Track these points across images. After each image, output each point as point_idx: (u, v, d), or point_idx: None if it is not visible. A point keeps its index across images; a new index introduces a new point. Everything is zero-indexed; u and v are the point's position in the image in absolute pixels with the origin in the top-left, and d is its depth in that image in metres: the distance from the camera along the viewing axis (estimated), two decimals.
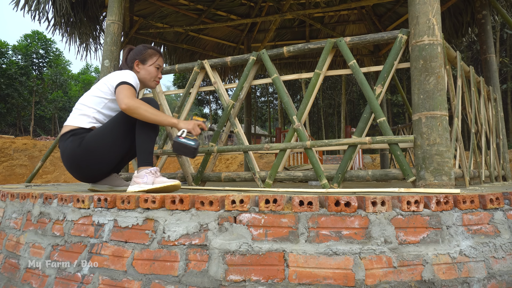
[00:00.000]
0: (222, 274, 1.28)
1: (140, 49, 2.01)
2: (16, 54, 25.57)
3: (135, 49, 2.03)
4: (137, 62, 1.99)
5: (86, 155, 1.78)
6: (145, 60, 1.99)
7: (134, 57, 2.00)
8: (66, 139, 1.82)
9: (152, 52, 2.02)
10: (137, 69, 1.99)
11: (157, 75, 2.04)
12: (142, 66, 1.99)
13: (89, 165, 1.82)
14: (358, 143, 1.82)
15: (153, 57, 2.01)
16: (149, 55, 2.00)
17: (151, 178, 1.73)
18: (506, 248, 1.40)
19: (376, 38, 1.91)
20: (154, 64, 2.01)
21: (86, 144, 1.77)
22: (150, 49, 2.03)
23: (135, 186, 1.73)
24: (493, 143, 2.83)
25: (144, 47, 2.02)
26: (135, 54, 2.00)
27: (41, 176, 10.79)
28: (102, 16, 4.48)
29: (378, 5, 5.19)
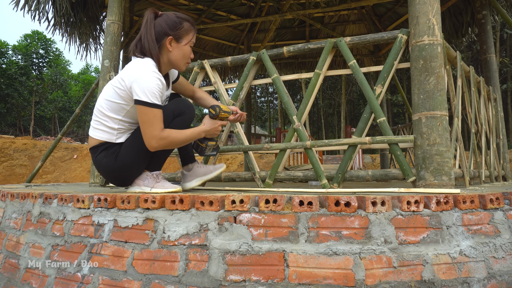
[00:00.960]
0: (222, 274, 1.28)
1: (174, 21, 1.59)
2: (16, 54, 25.58)
3: (167, 19, 1.59)
4: (171, 39, 1.59)
5: (124, 168, 1.65)
6: (181, 38, 1.61)
7: (167, 31, 1.58)
8: (98, 153, 1.66)
9: (188, 27, 1.62)
10: (168, 48, 1.61)
11: (190, 56, 1.69)
12: (176, 44, 1.61)
13: (129, 175, 1.70)
14: (358, 143, 1.82)
15: (189, 33, 1.63)
16: (185, 30, 1.61)
17: (151, 181, 1.71)
18: (506, 248, 1.40)
19: (376, 38, 1.91)
20: (189, 43, 1.65)
21: (122, 160, 1.63)
22: (186, 21, 1.62)
23: (135, 187, 1.73)
24: (493, 143, 2.83)
25: (179, 19, 1.60)
26: (167, 27, 1.58)
27: (41, 176, 10.79)
28: (102, 16, 4.48)
29: (378, 5, 5.19)
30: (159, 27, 1.58)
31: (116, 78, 1.61)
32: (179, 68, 1.72)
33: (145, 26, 1.59)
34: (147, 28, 1.58)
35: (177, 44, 1.62)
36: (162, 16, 1.61)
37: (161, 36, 1.59)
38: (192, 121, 1.72)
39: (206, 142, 1.78)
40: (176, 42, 1.62)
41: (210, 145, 1.79)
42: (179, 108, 1.66)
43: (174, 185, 1.72)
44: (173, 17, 1.60)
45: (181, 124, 1.66)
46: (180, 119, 1.66)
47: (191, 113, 1.71)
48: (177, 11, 5.17)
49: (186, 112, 1.68)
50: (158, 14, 1.63)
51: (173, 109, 1.66)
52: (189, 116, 1.70)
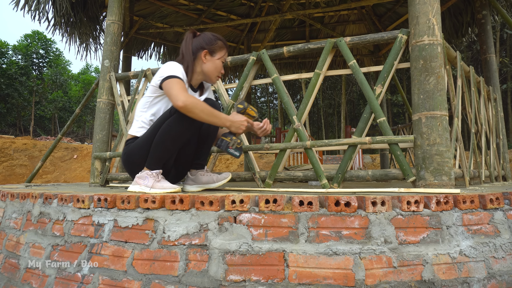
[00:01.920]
0: (222, 274, 1.28)
1: (210, 38, 1.84)
2: (16, 54, 25.57)
3: (204, 36, 1.85)
4: (206, 52, 1.82)
5: (128, 164, 1.85)
6: (214, 52, 1.84)
7: (203, 45, 1.82)
8: (126, 145, 1.90)
9: (221, 45, 1.86)
10: (203, 60, 1.83)
11: (221, 70, 1.89)
12: (210, 57, 1.84)
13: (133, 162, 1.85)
14: (358, 143, 1.82)
15: (222, 50, 1.86)
16: (219, 47, 1.84)
17: (151, 181, 1.71)
18: (506, 248, 1.40)
19: (376, 38, 1.91)
20: (221, 58, 1.86)
21: (128, 151, 1.84)
22: (220, 40, 1.86)
23: (135, 186, 1.74)
24: (493, 143, 2.83)
25: (214, 37, 1.85)
26: (204, 42, 1.83)
27: (41, 176, 10.79)
28: (102, 16, 4.48)
29: (378, 5, 5.19)
30: (197, 42, 1.84)
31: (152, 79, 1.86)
32: (210, 79, 1.90)
33: (184, 42, 1.86)
34: (186, 44, 1.85)
35: (211, 57, 1.84)
36: (200, 35, 1.88)
37: (198, 49, 1.83)
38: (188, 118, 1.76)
39: (231, 136, 1.79)
40: (210, 55, 1.84)
41: (234, 141, 1.79)
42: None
43: (173, 186, 1.72)
44: (210, 35, 1.87)
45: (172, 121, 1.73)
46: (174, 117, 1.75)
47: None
48: (177, 11, 5.19)
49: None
50: (196, 34, 1.89)
51: (170, 109, 1.76)
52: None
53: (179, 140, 1.74)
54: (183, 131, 1.71)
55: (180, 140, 1.74)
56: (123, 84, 2.76)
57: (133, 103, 2.64)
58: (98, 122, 2.67)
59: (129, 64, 4.90)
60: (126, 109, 2.62)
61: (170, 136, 1.70)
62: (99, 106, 2.68)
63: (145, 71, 2.54)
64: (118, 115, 2.69)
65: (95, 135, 2.66)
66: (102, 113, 2.67)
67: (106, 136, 2.67)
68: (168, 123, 1.70)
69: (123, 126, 2.56)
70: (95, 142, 2.64)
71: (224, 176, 1.90)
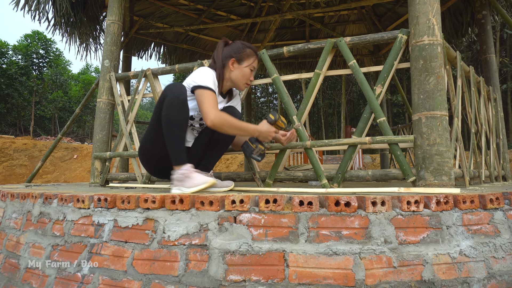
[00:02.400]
0: (222, 274, 1.29)
1: (238, 47, 1.89)
2: (16, 54, 25.56)
3: (233, 45, 1.91)
4: (233, 60, 1.87)
5: (140, 155, 1.90)
6: (242, 60, 1.88)
7: (231, 53, 1.88)
8: None
9: (250, 52, 1.90)
10: (231, 68, 1.88)
11: (249, 78, 1.92)
12: (238, 65, 1.88)
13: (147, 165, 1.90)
14: (358, 143, 1.82)
15: (250, 57, 1.90)
16: (247, 55, 1.89)
17: (185, 180, 1.66)
18: (506, 248, 1.40)
19: (376, 38, 1.91)
20: (249, 66, 1.90)
21: (140, 148, 1.87)
22: (249, 48, 1.90)
23: (175, 189, 1.69)
24: (493, 143, 2.83)
25: (243, 45, 1.90)
26: (232, 51, 1.88)
27: (41, 176, 10.79)
28: (102, 16, 4.48)
29: (378, 5, 5.19)
30: (226, 50, 1.90)
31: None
32: (238, 86, 1.94)
33: (216, 50, 1.92)
34: (217, 52, 1.91)
35: (238, 65, 1.89)
36: (231, 44, 1.93)
37: (227, 58, 1.89)
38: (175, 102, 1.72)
39: (257, 144, 1.85)
40: (238, 63, 1.89)
41: (259, 149, 1.86)
42: (165, 92, 1.72)
43: (205, 180, 1.64)
44: (239, 43, 1.92)
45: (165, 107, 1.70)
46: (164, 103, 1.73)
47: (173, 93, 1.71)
48: (177, 11, 5.19)
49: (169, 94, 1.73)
50: (228, 43, 1.95)
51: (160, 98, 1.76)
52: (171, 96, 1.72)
53: (182, 122, 1.71)
54: (179, 112, 1.69)
55: (182, 120, 1.71)
56: (123, 84, 2.76)
57: (133, 103, 2.64)
58: (98, 122, 2.67)
59: (129, 64, 4.90)
60: (126, 109, 2.62)
61: (173, 123, 1.68)
62: (99, 106, 2.68)
63: (145, 71, 2.54)
64: (118, 115, 2.69)
65: (95, 135, 2.66)
66: (102, 113, 2.67)
67: (106, 136, 2.67)
68: (164, 114, 1.69)
69: (123, 126, 2.56)
70: (95, 142, 2.64)
71: (226, 184, 1.91)
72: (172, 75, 25.78)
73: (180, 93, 1.68)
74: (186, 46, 5.89)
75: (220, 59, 1.88)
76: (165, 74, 2.53)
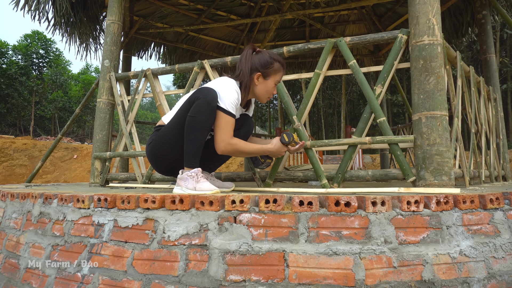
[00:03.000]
0: (222, 274, 1.28)
1: (267, 61, 1.80)
2: (16, 54, 25.54)
3: (261, 57, 1.80)
4: (259, 75, 1.79)
5: (152, 153, 1.82)
6: (268, 76, 1.81)
7: (257, 67, 1.79)
8: (154, 132, 1.85)
9: (278, 68, 1.81)
10: (255, 82, 1.81)
11: (272, 92, 1.87)
12: (263, 80, 1.81)
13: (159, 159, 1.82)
14: (358, 143, 1.82)
15: (277, 73, 1.82)
16: (274, 70, 1.81)
17: (192, 182, 1.66)
18: (506, 248, 1.40)
19: (376, 38, 1.91)
20: (275, 81, 1.84)
21: (154, 142, 1.79)
22: (277, 62, 1.81)
23: (178, 188, 1.69)
24: (493, 143, 2.83)
25: (271, 59, 1.80)
26: (259, 64, 1.79)
27: (41, 176, 10.79)
28: (102, 16, 4.48)
29: (378, 5, 5.19)
30: (254, 62, 1.80)
31: (207, 84, 1.80)
32: (260, 99, 1.89)
33: (245, 59, 1.82)
34: (245, 61, 1.81)
35: (263, 80, 1.82)
36: (258, 54, 1.83)
37: (253, 70, 1.80)
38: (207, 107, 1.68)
39: (266, 159, 1.90)
40: (263, 78, 1.81)
41: (268, 162, 1.91)
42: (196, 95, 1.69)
43: (211, 187, 1.64)
44: (267, 57, 1.81)
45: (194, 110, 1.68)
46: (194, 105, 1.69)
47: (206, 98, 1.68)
48: (177, 11, 5.18)
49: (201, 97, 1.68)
50: (255, 50, 1.86)
51: (189, 99, 1.71)
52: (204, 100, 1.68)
53: (207, 127, 1.69)
54: (207, 118, 1.67)
55: (208, 126, 1.69)
56: (123, 84, 2.76)
57: (133, 103, 2.64)
58: (98, 122, 2.67)
59: (129, 64, 4.90)
60: (126, 109, 2.62)
61: (197, 126, 1.66)
62: (99, 106, 2.68)
63: (145, 71, 2.54)
64: (118, 115, 2.69)
65: (95, 135, 2.66)
66: (102, 113, 2.67)
67: (106, 136, 2.67)
68: (191, 115, 1.66)
69: (123, 126, 2.56)
70: (95, 142, 2.64)
71: (226, 185, 1.93)
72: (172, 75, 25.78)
73: (212, 99, 1.65)
74: (186, 46, 5.89)
75: (248, 72, 1.79)
76: (165, 74, 2.53)
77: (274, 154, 1.83)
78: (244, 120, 1.91)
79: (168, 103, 2.53)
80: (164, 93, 2.54)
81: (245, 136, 1.91)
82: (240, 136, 1.84)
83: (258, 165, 1.91)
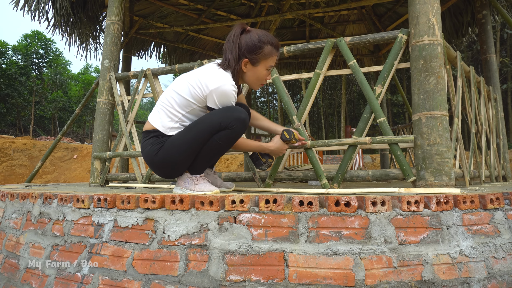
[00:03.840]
0: (222, 274, 1.28)
1: (255, 45, 1.57)
2: (16, 54, 25.55)
3: (248, 41, 1.58)
4: (246, 61, 1.60)
5: (165, 163, 1.63)
6: (257, 62, 1.61)
7: (245, 53, 1.59)
8: (148, 138, 1.66)
9: (269, 51, 1.60)
10: (243, 69, 1.62)
11: (265, 78, 1.68)
12: (251, 67, 1.62)
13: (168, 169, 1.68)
14: (358, 143, 1.81)
15: (268, 58, 1.62)
16: (264, 55, 1.60)
17: (191, 183, 1.65)
18: (507, 248, 1.39)
19: (376, 38, 1.91)
20: (266, 66, 1.64)
21: (163, 154, 1.61)
22: (268, 45, 1.59)
23: (177, 189, 1.69)
24: (493, 143, 2.83)
25: (260, 42, 1.57)
26: (246, 50, 1.58)
27: (41, 176, 10.79)
28: (102, 16, 4.48)
29: (378, 5, 5.19)
30: (241, 46, 1.59)
31: (194, 77, 1.61)
32: (252, 87, 1.73)
33: (232, 41, 1.61)
34: (233, 44, 1.60)
35: (252, 67, 1.63)
36: (246, 35, 1.61)
37: (240, 56, 1.60)
38: (238, 137, 1.62)
39: (267, 158, 1.87)
40: (252, 65, 1.62)
41: (269, 162, 1.89)
42: (228, 121, 1.54)
43: (211, 188, 1.63)
44: (255, 39, 1.58)
45: (223, 138, 1.57)
46: (224, 133, 1.56)
47: (239, 129, 1.58)
48: (177, 11, 5.18)
49: (234, 127, 1.56)
50: (245, 30, 1.62)
51: (221, 121, 1.55)
52: (236, 132, 1.58)
53: (233, 143, 1.65)
54: (241, 133, 1.61)
55: (224, 150, 1.65)
56: (123, 84, 2.76)
57: (133, 103, 2.64)
58: (98, 122, 2.67)
59: (129, 64, 4.90)
60: (126, 109, 2.62)
61: (219, 150, 1.62)
62: (99, 106, 2.68)
63: (145, 71, 2.54)
64: (118, 115, 2.69)
65: (95, 135, 2.66)
66: (102, 113, 2.67)
67: (106, 136, 2.67)
68: (219, 140, 1.57)
69: (123, 126, 2.56)
70: (95, 142, 2.64)
71: (227, 185, 1.90)
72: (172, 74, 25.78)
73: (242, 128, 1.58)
74: (186, 46, 5.89)
75: (235, 58, 1.60)
76: (165, 74, 2.53)
77: (275, 152, 1.81)
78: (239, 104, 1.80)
79: None
80: None
81: None
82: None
83: (260, 166, 1.91)
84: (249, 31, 1.62)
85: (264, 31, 1.64)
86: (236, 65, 1.61)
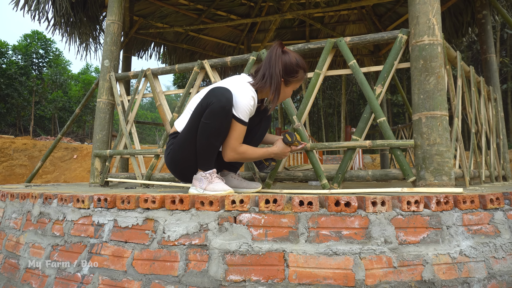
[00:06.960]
0: (222, 274, 1.28)
1: (293, 68, 1.70)
2: (16, 54, 25.54)
3: (289, 63, 1.69)
4: (282, 81, 1.70)
5: (169, 164, 1.74)
6: (290, 83, 1.73)
7: (283, 74, 1.69)
8: (170, 139, 1.77)
9: (301, 77, 1.73)
10: None
11: (289, 96, 1.82)
12: (283, 87, 1.73)
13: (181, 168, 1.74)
14: (358, 146, 1.81)
15: (299, 82, 1.75)
16: (297, 80, 1.73)
17: (205, 183, 1.64)
18: (506, 248, 1.39)
19: (376, 38, 1.91)
20: (294, 88, 1.77)
21: (171, 154, 1.70)
22: (302, 71, 1.74)
23: (192, 189, 1.68)
24: (493, 143, 2.82)
25: (297, 66, 1.71)
26: (284, 71, 1.69)
27: (41, 176, 10.79)
28: (102, 16, 4.48)
29: (378, 5, 5.19)
30: (280, 68, 1.68)
31: (222, 84, 1.69)
32: (273, 103, 1.78)
33: (274, 60, 1.68)
34: (275, 63, 1.68)
35: (284, 86, 1.73)
36: (285, 55, 1.70)
37: (278, 75, 1.69)
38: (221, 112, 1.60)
39: (270, 161, 1.89)
40: (284, 85, 1.73)
41: (272, 166, 1.91)
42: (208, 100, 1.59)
43: (225, 188, 1.62)
44: (294, 63, 1.70)
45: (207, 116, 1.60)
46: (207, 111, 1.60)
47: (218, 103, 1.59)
48: (177, 11, 5.18)
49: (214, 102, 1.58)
50: (284, 50, 1.72)
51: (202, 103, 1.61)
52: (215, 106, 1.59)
53: (222, 133, 1.62)
54: (222, 124, 1.60)
55: (223, 132, 1.62)
56: (123, 84, 2.76)
57: (133, 103, 2.64)
58: (98, 122, 2.67)
59: (129, 64, 4.90)
60: (126, 109, 2.62)
61: (211, 132, 1.59)
62: (99, 106, 2.68)
63: (145, 71, 2.54)
64: (118, 115, 2.69)
65: (95, 135, 2.66)
66: (102, 113, 2.67)
67: (106, 136, 2.67)
68: (204, 119, 1.58)
69: (123, 126, 2.56)
70: (95, 142, 2.64)
71: (254, 185, 1.85)
72: (172, 75, 25.76)
73: (227, 102, 1.55)
74: (186, 46, 5.89)
75: (278, 73, 1.67)
76: (165, 74, 2.53)
77: (278, 156, 1.81)
78: (263, 118, 1.86)
79: (168, 103, 2.53)
80: (164, 93, 2.54)
81: (262, 135, 1.90)
82: (257, 136, 1.86)
83: (263, 169, 1.92)
84: (286, 52, 1.72)
85: (299, 55, 1.76)
86: (273, 84, 1.67)
